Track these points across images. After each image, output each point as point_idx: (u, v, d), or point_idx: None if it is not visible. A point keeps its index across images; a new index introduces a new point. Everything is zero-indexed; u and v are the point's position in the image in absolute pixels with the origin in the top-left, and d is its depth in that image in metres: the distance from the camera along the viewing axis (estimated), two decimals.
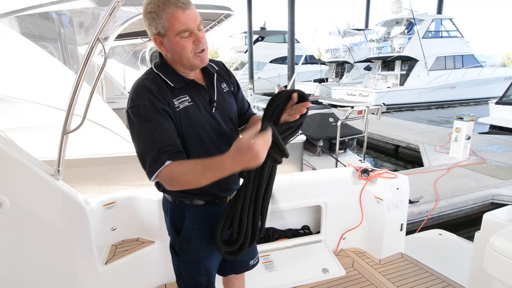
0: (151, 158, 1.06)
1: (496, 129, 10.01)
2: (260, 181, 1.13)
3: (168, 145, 1.06)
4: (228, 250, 1.20)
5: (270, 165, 1.12)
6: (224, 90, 1.30)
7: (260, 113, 1.42)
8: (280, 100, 1.11)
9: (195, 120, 1.16)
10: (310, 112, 6.90)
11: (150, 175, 1.08)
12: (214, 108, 1.22)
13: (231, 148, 0.95)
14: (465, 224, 4.42)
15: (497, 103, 10.24)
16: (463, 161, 5.92)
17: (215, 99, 1.23)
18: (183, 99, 1.15)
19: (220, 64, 1.36)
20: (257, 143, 0.90)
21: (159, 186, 1.28)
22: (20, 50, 3.23)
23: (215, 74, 1.27)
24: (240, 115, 1.40)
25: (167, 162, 1.04)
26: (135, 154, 1.12)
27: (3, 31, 3.14)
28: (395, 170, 5.48)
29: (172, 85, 1.14)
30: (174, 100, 1.13)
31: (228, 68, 1.40)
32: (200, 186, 1.03)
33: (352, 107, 5.73)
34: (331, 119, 6.68)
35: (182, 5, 1.04)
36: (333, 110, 7.81)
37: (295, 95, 1.10)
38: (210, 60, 1.30)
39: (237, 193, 1.17)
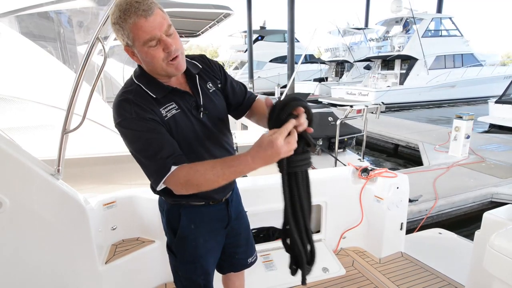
0: (155, 166, 1.04)
1: (495, 128, 10.01)
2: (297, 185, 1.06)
3: (168, 151, 1.04)
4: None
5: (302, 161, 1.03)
6: (210, 91, 1.23)
7: (262, 96, 1.36)
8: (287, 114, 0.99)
9: (184, 127, 1.14)
10: None
11: (156, 183, 1.06)
12: (201, 113, 1.18)
13: (252, 146, 0.96)
14: (464, 222, 4.44)
15: (496, 102, 10.24)
16: (462, 160, 5.93)
17: (202, 103, 1.18)
18: (170, 107, 1.11)
19: (203, 59, 1.28)
20: (278, 138, 0.92)
21: (154, 188, 1.25)
22: (20, 49, 3.22)
23: (197, 76, 1.20)
24: (238, 104, 1.34)
25: (173, 167, 1.02)
26: None
27: (3, 31, 3.13)
28: (395, 169, 5.48)
29: (154, 96, 1.09)
30: (160, 110, 1.09)
31: (211, 60, 1.31)
32: (217, 187, 1.01)
33: (351, 106, 5.73)
34: (330, 118, 6.68)
35: (143, 13, 0.96)
36: (332, 109, 7.81)
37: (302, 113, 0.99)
38: (191, 57, 1.24)
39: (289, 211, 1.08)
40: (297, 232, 1.10)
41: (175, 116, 1.11)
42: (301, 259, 1.12)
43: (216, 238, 1.37)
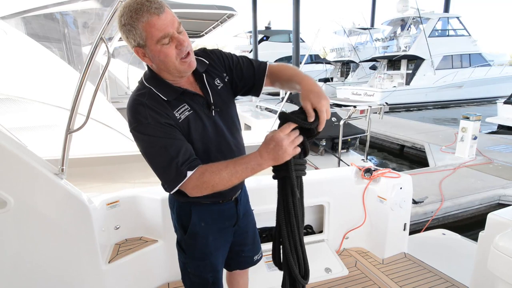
0: (171, 173, 1.05)
1: (504, 129, 9.88)
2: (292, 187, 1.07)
3: (183, 156, 1.05)
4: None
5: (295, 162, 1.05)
6: (219, 87, 1.22)
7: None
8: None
9: (198, 128, 1.14)
10: None
11: (171, 188, 1.08)
12: (213, 111, 1.19)
13: (262, 144, 1.02)
14: (470, 225, 4.37)
15: (505, 102, 10.10)
16: (469, 161, 5.86)
17: (212, 101, 1.18)
18: (182, 109, 1.12)
19: (206, 54, 1.25)
20: (279, 133, 0.99)
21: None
22: (26, 50, 3.27)
23: (204, 75, 1.19)
24: (252, 81, 1.28)
25: (189, 173, 1.04)
26: (139, 153, 1.11)
27: (10, 32, 3.18)
28: (400, 170, 5.43)
29: (166, 99, 1.09)
30: (174, 112, 1.10)
31: (212, 51, 1.27)
32: (231, 186, 1.05)
33: (354, 106, 5.71)
34: (333, 119, 6.64)
35: (156, 11, 0.97)
36: (336, 109, 7.77)
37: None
38: (194, 53, 1.21)
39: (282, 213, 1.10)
40: (292, 243, 1.10)
41: (188, 118, 1.12)
42: (295, 274, 1.11)
43: (225, 236, 1.39)
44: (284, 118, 1.03)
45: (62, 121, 1.63)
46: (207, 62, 1.22)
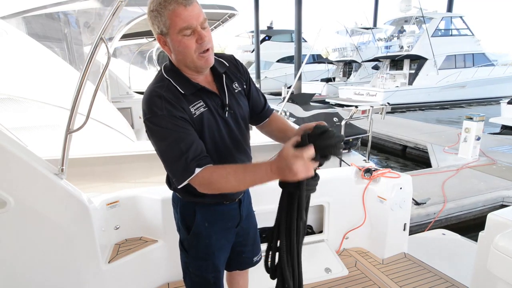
0: (179, 167, 1.05)
1: (508, 130, 9.81)
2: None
3: (194, 152, 1.05)
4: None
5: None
6: (236, 91, 1.24)
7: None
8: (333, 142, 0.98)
9: (211, 126, 1.15)
10: (314, 112, 6.86)
11: (179, 183, 1.08)
12: (226, 112, 1.19)
13: (276, 155, 0.98)
14: (473, 226, 4.33)
15: (509, 102, 10.02)
16: (472, 162, 5.82)
17: (227, 102, 1.19)
18: (198, 105, 1.13)
19: (231, 59, 1.29)
20: (297, 164, 0.91)
21: (170, 184, 1.29)
22: (27, 50, 3.28)
23: (223, 76, 1.21)
24: (256, 113, 1.35)
25: (197, 170, 1.04)
26: (139, 153, 1.12)
27: (10, 31, 3.20)
28: (403, 171, 5.40)
29: (183, 92, 1.10)
30: (190, 107, 1.10)
31: (239, 61, 1.33)
32: (236, 191, 1.05)
33: (356, 106, 5.68)
34: (335, 119, 6.62)
35: (184, 1, 1.00)
36: (338, 109, 7.75)
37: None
38: (219, 56, 1.26)
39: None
40: (289, 259, 1.07)
41: (202, 114, 1.13)
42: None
43: (227, 237, 1.39)
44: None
45: (62, 121, 1.63)
46: (227, 65, 1.25)
